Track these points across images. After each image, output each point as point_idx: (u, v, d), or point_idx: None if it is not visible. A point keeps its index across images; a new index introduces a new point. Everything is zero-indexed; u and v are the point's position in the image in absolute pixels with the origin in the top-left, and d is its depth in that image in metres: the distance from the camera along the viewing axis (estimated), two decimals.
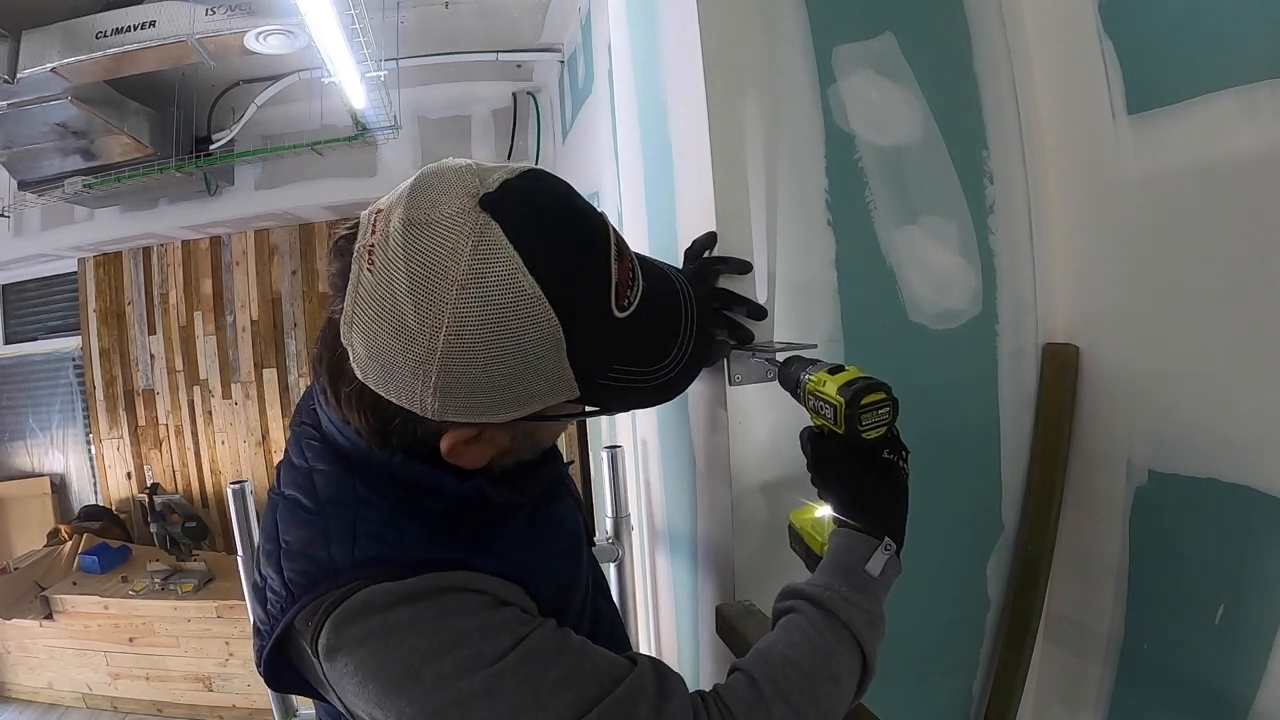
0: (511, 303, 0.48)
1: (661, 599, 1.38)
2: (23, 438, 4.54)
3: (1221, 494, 0.78)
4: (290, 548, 0.58)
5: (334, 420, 0.61)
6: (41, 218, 3.99)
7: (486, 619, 0.55)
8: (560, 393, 0.53)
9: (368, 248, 0.50)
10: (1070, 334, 0.98)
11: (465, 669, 0.52)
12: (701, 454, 1.02)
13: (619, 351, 0.55)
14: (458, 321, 0.48)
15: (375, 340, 0.50)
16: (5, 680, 3.84)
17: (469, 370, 0.49)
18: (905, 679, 1.02)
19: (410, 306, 0.48)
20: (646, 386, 0.58)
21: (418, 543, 0.58)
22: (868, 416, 0.63)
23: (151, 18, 2.55)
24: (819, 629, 0.61)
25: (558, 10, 2.97)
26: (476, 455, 0.58)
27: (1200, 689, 0.83)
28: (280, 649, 0.58)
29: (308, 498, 0.60)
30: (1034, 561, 0.99)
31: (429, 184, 0.51)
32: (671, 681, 0.56)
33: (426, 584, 0.55)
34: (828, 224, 0.91)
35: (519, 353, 0.50)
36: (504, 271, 0.48)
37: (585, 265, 0.52)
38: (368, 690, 0.53)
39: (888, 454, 0.67)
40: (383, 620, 0.53)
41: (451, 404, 0.51)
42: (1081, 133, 0.93)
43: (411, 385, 0.51)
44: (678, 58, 0.96)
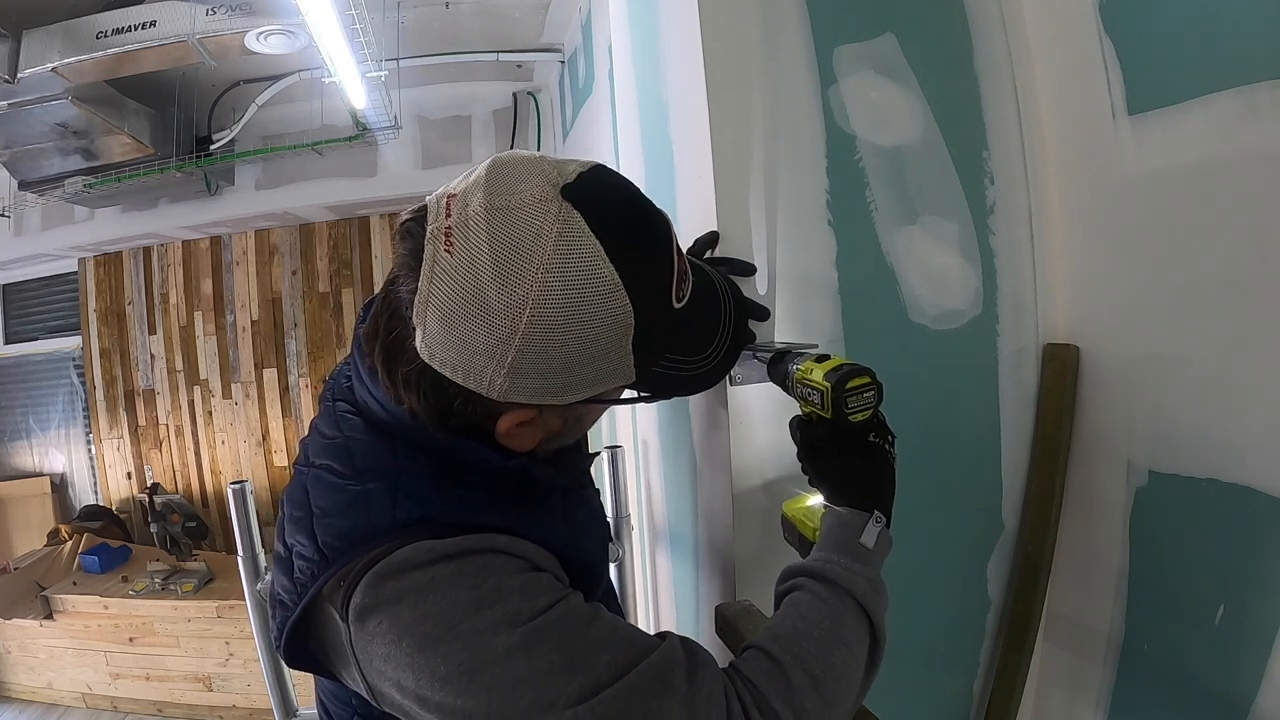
0: (593, 287, 0.50)
1: (662, 599, 1.38)
2: (23, 437, 4.54)
3: (1221, 494, 0.78)
4: (324, 512, 0.58)
5: (378, 397, 0.60)
6: (42, 218, 3.99)
7: (526, 579, 0.56)
8: (619, 378, 0.56)
9: (444, 230, 0.51)
10: (1070, 334, 0.98)
11: (504, 624, 0.52)
12: (702, 454, 1.02)
13: (673, 341, 0.58)
14: (540, 302, 0.50)
15: (453, 319, 0.51)
16: (5, 680, 3.84)
17: (546, 351, 0.51)
18: (906, 679, 1.02)
19: (494, 286, 0.50)
20: (690, 375, 0.61)
21: (459, 507, 0.58)
22: (853, 399, 0.66)
23: (152, 18, 2.55)
24: (824, 599, 0.62)
25: (558, 10, 2.97)
26: (528, 438, 0.59)
27: (1200, 689, 0.83)
28: (304, 620, 0.57)
29: (344, 465, 0.60)
30: (1034, 561, 0.99)
31: (507, 171, 0.53)
32: (702, 654, 0.57)
33: (469, 543, 0.55)
34: (828, 224, 0.92)
35: (593, 336, 0.52)
36: (587, 257, 0.50)
37: (655, 257, 0.55)
38: (400, 649, 0.52)
39: (873, 437, 0.69)
40: (423, 575, 0.53)
41: (520, 384, 0.53)
42: (1082, 133, 0.93)
43: (485, 365, 0.52)
44: (679, 58, 0.96)
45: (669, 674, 0.54)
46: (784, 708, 0.55)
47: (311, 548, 0.57)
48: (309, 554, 0.57)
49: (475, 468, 0.60)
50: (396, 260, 0.55)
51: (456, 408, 0.56)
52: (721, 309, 0.64)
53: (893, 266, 0.94)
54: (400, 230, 0.55)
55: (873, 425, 0.69)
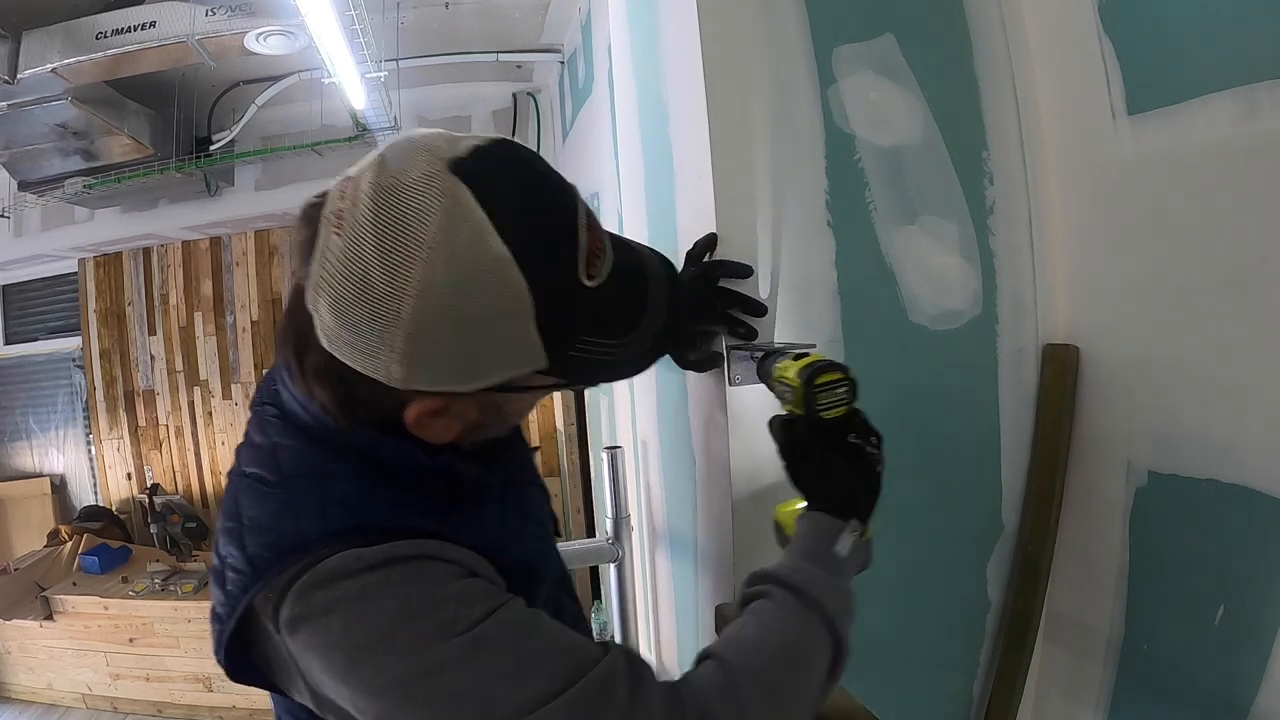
0: (480, 265, 0.48)
1: (661, 599, 1.38)
2: (23, 438, 4.54)
3: (1221, 494, 0.78)
4: (254, 523, 0.56)
5: (298, 396, 0.59)
6: (42, 218, 4.00)
7: (461, 586, 0.54)
8: (528, 362, 0.52)
9: (336, 213, 0.50)
10: (1070, 335, 0.98)
11: (440, 634, 0.50)
12: (702, 454, 1.02)
13: (588, 322, 0.54)
14: (425, 284, 0.47)
15: (342, 305, 0.49)
16: (5, 680, 3.84)
17: (437, 335, 0.49)
18: (906, 679, 1.02)
19: (378, 269, 0.47)
20: (615, 360, 0.57)
21: (388, 512, 0.56)
22: (824, 396, 0.64)
23: (152, 18, 2.55)
24: (788, 609, 0.60)
25: (558, 11, 2.97)
26: (443, 429, 0.57)
27: (1200, 689, 0.83)
28: (241, 633, 0.55)
29: (271, 473, 0.58)
30: (1034, 562, 0.99)
31: (399, 150, 0.51)
32: (644, 667, 0.55)
33: (399, 549, 0.53)
34: (828, 225, 0.92)
35: (487, 318, 0.49)
36: (473, 234, 0.48)
37: (555, 230, 0.52)
38: (333, 661, 0.51)
39: (854, 438, 0.67)
40: (354, 584, 0.51)
41: (418, 372, 0.50)
42: (1082, 133, 0.93)
43: (378, 352, 0.49)
44: (678, 58, 0.96)
45: (611, 687, 0.52)
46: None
47: (241, 559, 0.55)
48: (239, 565, 0.55)
49: (402, 468, 0.58)
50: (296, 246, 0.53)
51: (363, 398, 0.54)
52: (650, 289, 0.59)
53: (892, 267, 0.94)
54: (300, 214, 0.53)
55: (852, 424, 0.67)
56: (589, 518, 3.84)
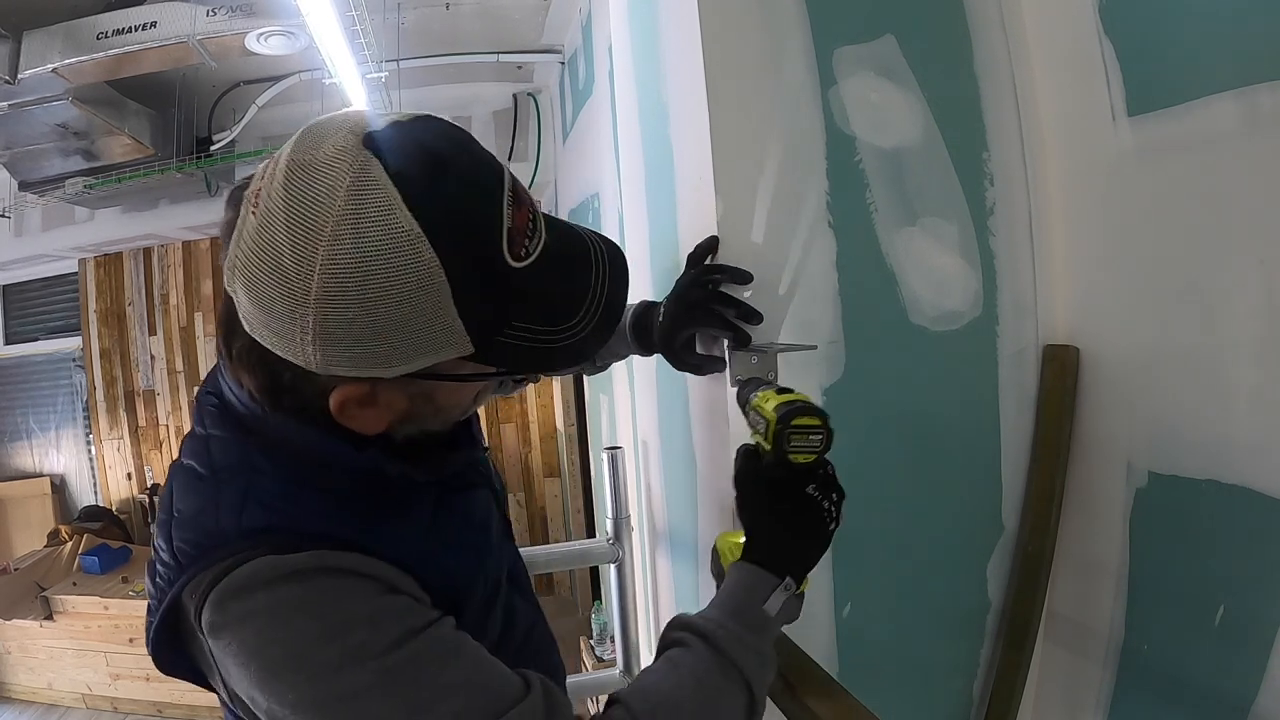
0: (387, 240, 0.46)
1: (662, 599, 1.38)
2: (23, 438, 4.54)
3: (1221, 495, 0.78)
4: (181, 516, 0.55)
5: (231, 385, 0.57)
6: (42, 218, 4.00)
7: (378, 606, 0.52)
8: (452, 347, 0.50)
9: (254, 192, 0.49)
10: (1070, 335, 0.98)
11: (353, 659, 0.49)
12: (702, 455, 1.02)
13: (518, 306, 0.52)
14: (331, 260, 0.46)
15: (255, 285, 0.48)
16: (5, 680, 3.84)
17: (345, 314, 0.47)
18: (905, 680, 1.02)
19: (286, 246, 0.46)
20: (553, 347, 0.54)
21: (310, 515, 0.54)
22: (797, 439, 0.62)
23: (152, 19, 2.55)
24: (707, 668, 0.59)
25: (558, 11, 2.97)
26: (372, 419, 0.54)
27: (1200, 690, 0.83)
28: (169, 626, 0.54)
29: (202, 465, 0.57)
30: (1034, 563, 0.99)
31: (317, 127, 0.50)
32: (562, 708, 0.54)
33: (315, 561, 0.51)
34: (828, 225, 0.92)
35: (398, 296, 0.47)
36: (380, 207, 0.46)
37: (471, 205, 0.49)
38: (249, 672, 0.50)
39: (813, 490, 0.64)
40: (268, 597, 0.50)
41: (333, 354, 0.48)
42: (1082, 134, 0.93)
43: (291, 333, 0.48)
44: (679, 59, 0.96)
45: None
46: None
47: (168, 552, 0.54)
48: (166, 559, 0.54)
49: (328, 465, 0.56)
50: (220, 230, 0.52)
51: (287, 384, 0.52)
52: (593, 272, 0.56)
53: (893, 268, 0.94)
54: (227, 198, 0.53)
55: (815, 475, 0.64)
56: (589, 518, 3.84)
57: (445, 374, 0.53)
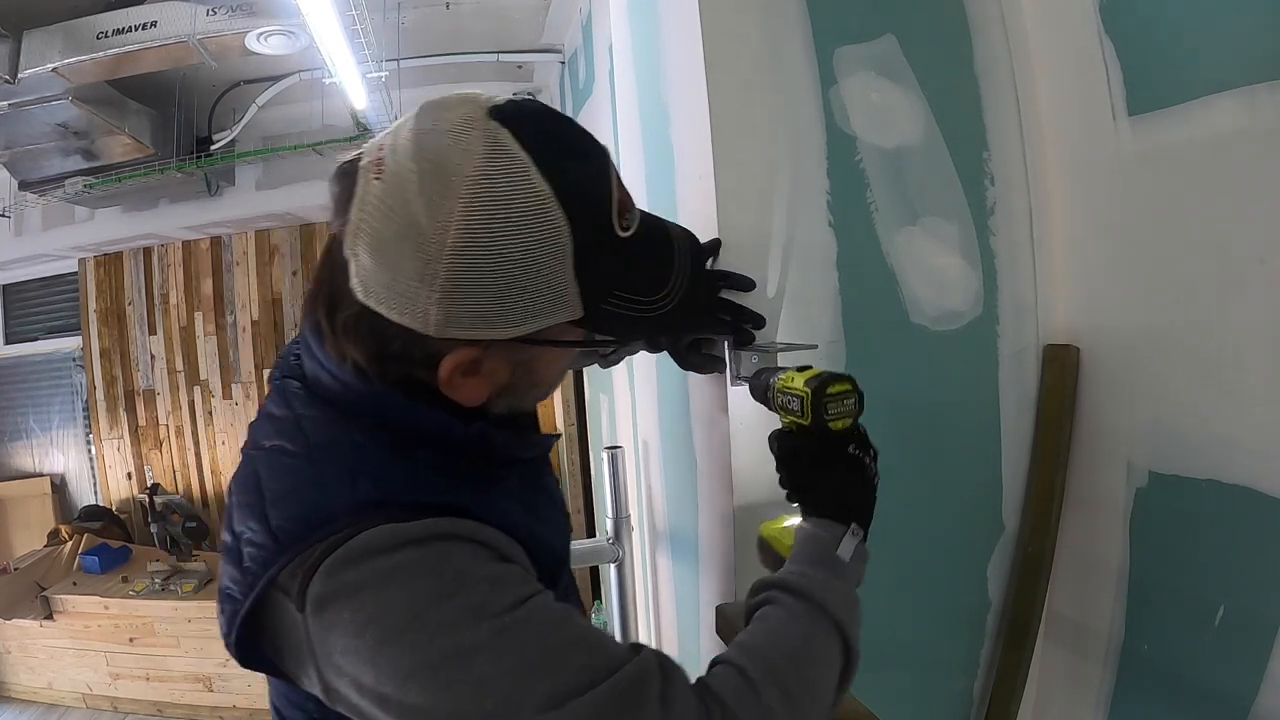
0: (522, 198, 0.49)
1: (662, 599, 1.38)
2: (23, 438, 4.54)
3: (1222, 495, 0.78)
4: (278, 495, 0.54)
5: (327, 363, 0.57)
6: (42, 218, 4.00)
7: (495, 570, 0.53)
8: (564, 309, 0.53)
9: (375, 162, 0.51)
10: (1071, 335, 0.98)
11: (472, 617, 0.49)
12: (702, 454, 1.02)
13: (621, 274, 0.55)
14: (469, 216, 0.48)
15: (382, 243, 0.50)
16: (5, 680, 3.84)
17: (477, 269, 0.49)
18: (906, 680, 1.02)
19: (420, 203, 0.48)
20: (645, 317, 0.57)
21: (422, 485, 0.55)
22: (833, 406, 0.65)
23: (152, 18, 2.55)
24: (797, 615, 0.59)
25: (558, 11, 2.97)
26: (475, 389, 0.56)
27: (1200, 689, 0.83)
28: (256, 613, 0.52)
29: (296, 444, 0.56)
30: (1034, 562, 0.99)
31: (438, 102, 0.53)
32: (676, 670, 0.54)
33: (435, 527, 0.52)
34: (829, 225, 0.92)
35: (527, 252, 0.49)
36: (515, 169, 0.49)
37: (590, 173, 0.53)
38: (362, 641, 0.49)
39: (854, 449, 0.67)
40: (386, 562, 0.50)
41: (456, 312, 0.50)
42: (1082, 134, 0.93)
43: (416, 293, 0.49)
44: (680, 59, 0.96)
45: (643, 687, 0.50)
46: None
47: (263, 533, 0.53)
48: (260, 540, 0.53)
49: (432, 440, 0.56)
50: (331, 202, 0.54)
51: (396, 351, 0.53)
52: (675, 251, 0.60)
53: (893, 267, 0.94)
54: (334, 175, 0.54)
55: (853, 436, 0.67)
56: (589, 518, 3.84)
57: (550, 339, 0.55)
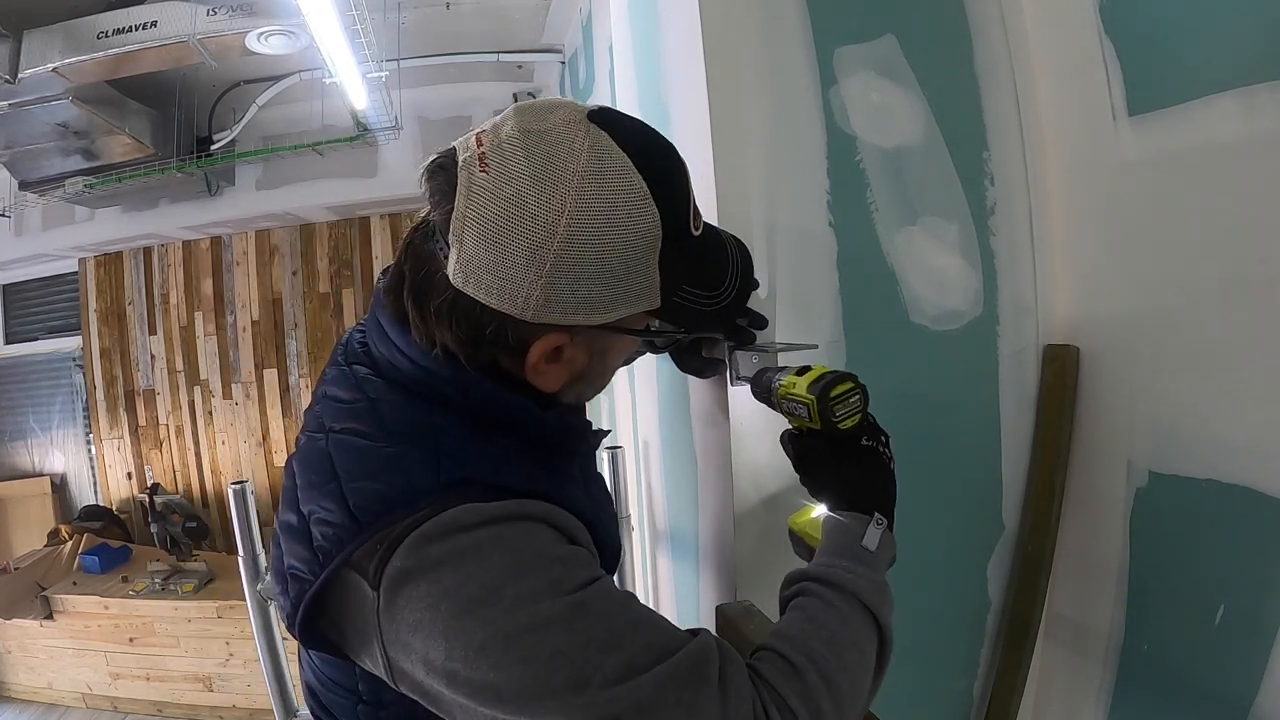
0: (626, 194, 0.53)
1: (662, 599, 1.38)
2: (23, 438, 4.53)
3: (1222, 495, 0.78)
4: (355, 476, 0.56)
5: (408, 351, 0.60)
6: (42, 218, 3.99)
7: (567, 550, 0.56)
8: (646, 299, 0.57)
9: (478, 157, 0.54)
10: (1071, 335, 0.98)
11: (547, 591, 0.52)
12: (703, 454, 1.02)
13: (691, 269, 0.59)
14: (579, 205, 0.52)
15: (492, 231, 0.53)
16: (5, 680, 3.84)
17: (583, 257, 0.53)
18: (906, 680, 1.02)
19: (532, 194, 0.52)
20: (704, 310, 0.61)
21: (503, 468, 0.58)
22: (840, 407, 0.66)
23: (152, 18, 2.55)
24: (830, 603, 0.62)
25: (559, 11, 2.97)
26: (555, 375, 0.60)
27: (1200, 689, 0.83)
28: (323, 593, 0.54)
29: (373, 427, 0.59)
30: (1034, 562, 0.99)
31: (535, 105, 0.57)
32: (732, 651, 0.57)
33: (515, 508, 0.55)
34: (829, 225, 0.92)
35: (627, 244, 0.54)
36: (619, 168, 0.53)
37: (676, 177, 0.58)
38: (438, 613, 0.50)
39: (866, 440, 0.69)
40: (469, 539, 0.52)
41: (555, 297, 0.54)
42: (1082, 134, 0.93)
43: (522, 276, 0.53)
44: (680, 59, 0.96)
45: (705, 665, 0.53)
46: (801, 708, 0.54)
47: (340, 513, 0.54)
48: (337, 519, 0.54)
49: (510, 426, 0.59)
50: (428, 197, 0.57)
51: (489, 334, 0.56)
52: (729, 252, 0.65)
53: (893, 267, 0.94)
54: (429, 170, 0.57)
55: (864, 429, 0.68)
56: None
57: (630, 328, 0.59)
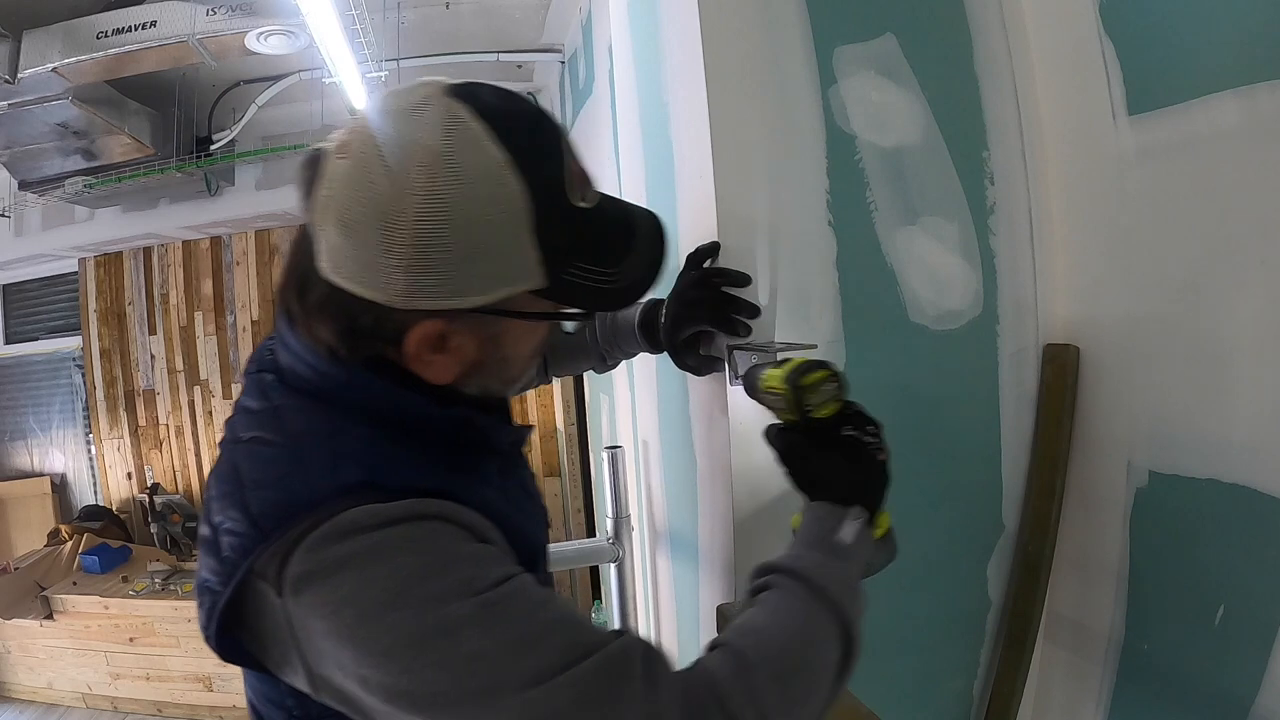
0: (481, 165, 0.51)
1: (662, 599, 1.38)
2: (23, 438, 4.54)
3: (1222, 494, 0.78)
4: (259, 483, 0.54)
5: (302, 353, 0.58)
6: (42, 218, 4.00)
7: (476, 549, 0.53)
8: (525, 278, 0.54)
9: (339, 145, 0.53)
10: (1070, 335, 0.98)
11: (456, 592, 0.49)
12: (702, 454, 1.02)
13: (581, 244, 0.57)
14: (429, 183, 0.50)
15: (348, 218, 0.51)
16: (5, 680, 3.84)
17: (440, 235, 0.50)
18: (906, 680, 1.02)
19: (383, 177, 0.50)
20: (607, 288, 0.59)
21: (404, 468, 0.55)
22: (812, 395, 0.64)
23: (152, 18, 2.55)
24: (794, 595, 0.59)
25: (558, 11, 2.97)
26: (443, 366, 0.57)
27: (1200, 689, 0.83)
28: (236, 604, 0.52)
29: (275, 434, 0.57)
30: (1034, 562, 0.99)
31: (399, 87, 0.56)
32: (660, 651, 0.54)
33: (417, 507, 0.52)
34: (829, 225, 0.92)
35: (488, 219, 0.51)
36: (473, 139, 0.51)
37: (544, 142, 0.55)
38: (342, 619, 0.48)
39: (849, 429, 0.65)
40: (368, 540, 0.50)
41: (421, 281, 0.51)
42: (1082, 133, 0.93)
43: (382, 263, 0.51)
44: (679, 58, 0.96)
45: (627, 665, 0.50)
46: (745, 707, 0.51)
47: (245, 521, 0.52)
48: (241, 528, 0.52)
49: (411, 426, 0.57)
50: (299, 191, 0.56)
51: (365, 326, 0.54)
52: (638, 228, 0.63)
53: (893, 267, 0.94)
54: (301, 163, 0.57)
55: (846, 417, 0.66)
56: (589, 518, 3.84)
57: (515, 310, 0.56)
